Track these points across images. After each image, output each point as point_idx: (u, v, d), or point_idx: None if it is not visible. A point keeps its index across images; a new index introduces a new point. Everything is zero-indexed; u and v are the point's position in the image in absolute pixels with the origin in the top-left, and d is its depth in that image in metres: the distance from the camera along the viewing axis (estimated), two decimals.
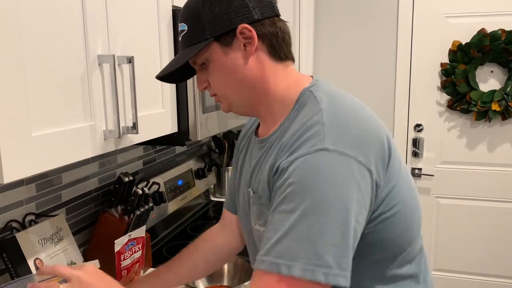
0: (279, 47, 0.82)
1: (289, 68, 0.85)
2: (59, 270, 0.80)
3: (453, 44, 2.50)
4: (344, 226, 0.67)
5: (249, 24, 0.78)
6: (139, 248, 1.26)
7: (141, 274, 1.30)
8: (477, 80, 2.50)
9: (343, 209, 0.67)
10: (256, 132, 0.94)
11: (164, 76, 0.87)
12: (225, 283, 1.37)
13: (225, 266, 1.39)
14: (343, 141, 0.70)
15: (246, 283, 1.28)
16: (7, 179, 0.71)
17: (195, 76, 1.28)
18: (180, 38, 0.85)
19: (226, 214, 1.13)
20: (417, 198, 0.84)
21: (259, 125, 0.95)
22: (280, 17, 0.83)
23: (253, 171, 0.86)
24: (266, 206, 0.79)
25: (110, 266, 1.36)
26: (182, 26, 0.83)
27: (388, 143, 0.76)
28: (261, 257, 0.69)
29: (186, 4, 0.83)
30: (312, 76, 0.87)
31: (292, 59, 0.86)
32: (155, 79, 1.00)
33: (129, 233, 1.21)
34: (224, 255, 1.12)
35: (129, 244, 1.22)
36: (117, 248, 1.16)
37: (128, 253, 1.22)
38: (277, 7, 0.83)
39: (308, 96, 0.80)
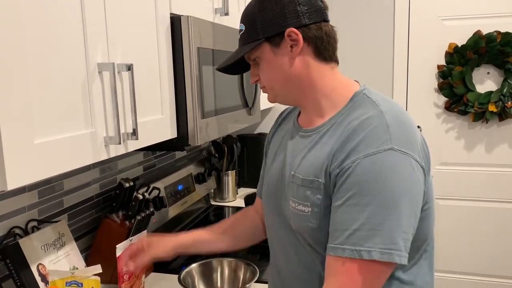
0: (323, 49, 0.90)
1: (334, 70, 0.94)
2: None
3: (449, 46, 2.52)
4: (410, 216, 0.78)
5: (296, 28, 0.87)
6: None
7: (143, 279, 1.31)
8: (473, 81, 2.52)
9: (410, 202, 0.78)
10: (296, 119, 1.01)
11: (224, 69, 1.00)
12: (225, 286, 1.39)
13: (226, 269, 1.40)
14: (404, 142, 0.79)
15: (247, 285, 1.29)
16: (11, 186, 0.73)
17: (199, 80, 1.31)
18: (239, 37, 0.97)
19: (258, 201, 1.22)
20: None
21: (299, 114, 1.03)
22: (329, 22, 0.92)
23: (301, 157, 0.92)
24: (317, 191, 0.85)
25: (112, 271, 1.37)
26: (241, 26, 0.94)
27: (427, 145, 0.87)
28: (340, 246, 0.79)
29: (246, 9, 0.94)
30: (357, 82, 0.96)
31: (336, 61, 0.95)
32: (216, 71, 1.08)
33: (130, 238, 1.22)
34: (255, 236, 1.22)
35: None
36: (118, 252, 1.18)
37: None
38: (326, 13, 0.92)
39: (363, 98, 0.88)
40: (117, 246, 1.18)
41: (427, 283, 0.93)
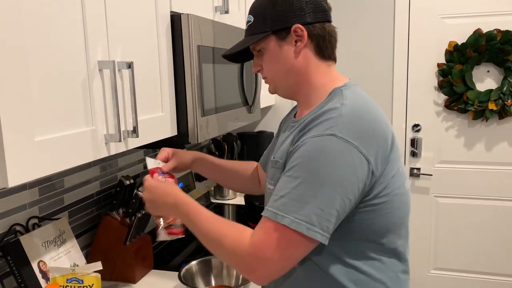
0: (324, 47, 0.98)
1: (331, 68, 1.01)
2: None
3: (449, 44, 2.52)
4: (332, 198, 0.83)
5: (302, 25, 0.94)
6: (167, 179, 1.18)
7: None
8: (473, 80, 2.52)
9: (335, 185, 0.83)
10: (295, 114, 1.09)
11: (229, 56, 1.07)
12: (225, 283, 1.39)
13: (225, 267, 1.40)
14: (351, 132, 0.85)
15: (247, 283, 1.30)
16: (12, 183, 0.73)
17: (199, 79, 1.31)
18: (246, 27, 1.03)
19: (259, 167, 1.33)
20: (406, 200, 0.95)
21: None
22: (331, 23, 0.99)
23: (280, 144, 1.02)
24: (279, 170, 0.95)
25: (112, 268, 1.38)
26: (249, 18, 1.01)
27: (392, 144, 0.90)
28: (267, 207, 0.88)
29: (256, 1, 1.00)
30: (349, 79, 1.02)
31: (334, 60, 1.02)
32: (222, 57, 1.13)
33: (158, 161, 1.18)
34: (249, 187, 1.36)
35: (159, 172, 1.16)
36: (149, 165, 1.15)
37: (161, 177, 1.15)
38: (330, 14, 0.99)
39: (338, 93, 0.95)
40: (147, 157, 1.17)
41: (393, 280, 0.95)
